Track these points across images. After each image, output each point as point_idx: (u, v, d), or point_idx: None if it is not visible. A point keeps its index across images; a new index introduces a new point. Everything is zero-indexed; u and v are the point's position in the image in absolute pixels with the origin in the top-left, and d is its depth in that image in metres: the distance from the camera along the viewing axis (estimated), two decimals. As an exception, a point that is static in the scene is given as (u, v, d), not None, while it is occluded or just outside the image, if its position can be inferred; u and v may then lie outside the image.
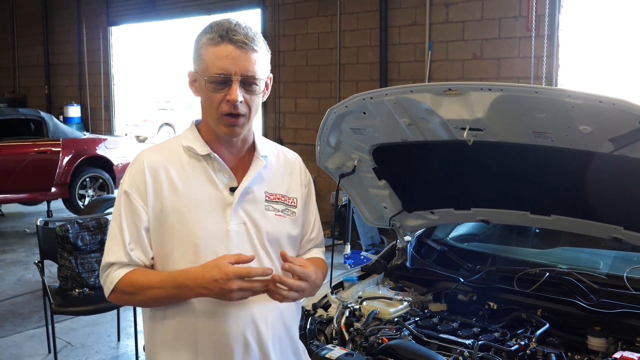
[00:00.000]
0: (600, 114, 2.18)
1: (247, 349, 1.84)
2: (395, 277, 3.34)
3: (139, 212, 1.83)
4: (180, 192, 1.84)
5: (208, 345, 1.83)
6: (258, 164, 1.92)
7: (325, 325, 2.90)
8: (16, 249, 8.05)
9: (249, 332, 1.84)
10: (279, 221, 1.92)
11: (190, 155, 1.89)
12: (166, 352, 1.87)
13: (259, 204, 1.90)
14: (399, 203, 3.25)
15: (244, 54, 1.76)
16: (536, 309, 2.82)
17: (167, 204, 1.83)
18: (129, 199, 1.84)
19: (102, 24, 13.55)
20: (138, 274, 1.81)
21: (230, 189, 1.87)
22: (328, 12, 9.27)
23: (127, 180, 1.87)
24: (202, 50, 1.80)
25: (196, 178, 1.86)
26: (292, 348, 1.98)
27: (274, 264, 1.89)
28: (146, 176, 1.84)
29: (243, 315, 1.82)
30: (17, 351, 4.91)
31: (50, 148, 9.03)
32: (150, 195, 1.83)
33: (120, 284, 1.81)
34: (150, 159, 1.88)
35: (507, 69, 7.49)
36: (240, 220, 1.86)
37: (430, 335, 2.67)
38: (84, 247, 4.61)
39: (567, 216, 2.85)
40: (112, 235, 1.85)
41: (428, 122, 2.63)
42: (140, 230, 1.83)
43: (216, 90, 1.78)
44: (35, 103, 14.96)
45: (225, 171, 1.88)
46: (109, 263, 1.84)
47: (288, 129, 9.93)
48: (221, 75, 1.76)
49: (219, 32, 1.77)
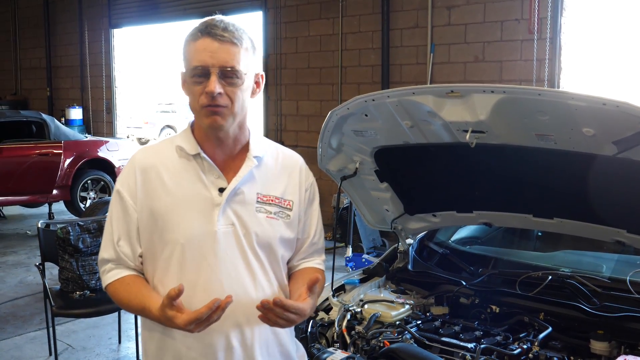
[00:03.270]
0: (604, 117, 2.17)
1: (230, 350, 1.85)
2: (397, 280, 3.33)
3: (129, 210, 1.88)
4: (170, 192, 1.85)
5: (191, 346, 1.84)
6: (249, 165, 1.90)
7: (327, 328, 2.89)
8: (17, 251, 8.05)
9: (233, 334, 1.84)
10: (270, 223, 1.90)
11: (181, 155, 1.89)
12: (152, 350, 1.92)
13: (249, 205, 1.88)
14: (401, 206, 3.25)
15: (222, 46, 1.77)
16: (539, 313, 2.80)
17: (156, 203, 1.85)
18: (120, 197, 1.90)
19: (104, 27, 13.58)
20: (123, 288, 1.88)
21: (219, 189, 1.86)
22: (330, 15, 9.28)
23: (119, 180, 1.93)
24: (185, 48, 1.83)
25: (186, 178, 1.87)
26: (280, 352, 1.97)
27: (264, 266, 1.89)
28: (137, 176, 1.88)
29: (226, 318, 1.76)
30: (18, 354, 4.90)
31: (52, 150, 9.03)
32: (139, 194, 1.87)
33: (108, 289, 1.92)
34: (141, 159, 1.92)
35: (509, 71, 7.48)
36: (229, 222, 1.85)
37: (432, 338, 2.65)
38: (85, 249, 4.61)
39: (569, 219, 2.84)
40: (106, 231, 1.94)
41: (430, 124, 2.62)
42: (129, 227, 1.89)
43: (196, 84, 1.79)
44: (37, 105, 14.98)
45: (214, 171, 1.87)
46: (103, 259, 1.93)
47: (289, 132, 9.93)
48: (199, 67, 1.77)
49: (199, 28, 1.81)
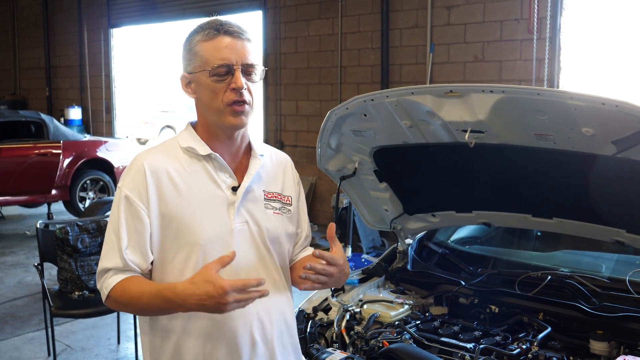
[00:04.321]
0: (603, 116, 2.17)
1: (254, 346, 1.86)
2: (396, 280, 3.33)
3: (141, 215, 1.81)
4: (183, 194, 1.83)
5: (216, 344, 1.83)
6: (257, 163, 1.94)
7: (326, 328, 2.89)
8: (16, 252, 8.04)
9: (256, 329, 1.86)
10: (277, 219, 1.95)
11: (191, 156, 1.88)
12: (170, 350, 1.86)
13: (259, 203, 1.92)
14: (400, 206, 3.24)
15: (241, 43, 1.83)
16: (538, 313, 2.80)
17: (170, 206, 1.82)
18: (129, 202, 1.81)
19: (103, 26, 13.56)
20: (132, 283, 1.79)
21: (232, 189, 1.88)
22: (329, 15, 9.27)
23: (126, 184, 1.83)
24: (197, 48, 1.82)
25: (198, 179, 1.86)
26: (291, 345, 2.01)
27: (275, 261, 1.93)
28: (147, 179, 1.82)
29: (249, 313, 1.82)
30: (17, 354, 4.90)
31: (51, 150, 9.03)
32: (152, 198, 1.81)
33: (114, 291, 1.80)
34: (150, 161, 1.86)
35: (509, 71, 7.48)
36: (243, 219, 1.88)
37: (431, 338, 2.65)
38: (84, 249, 4.60)
39: (569, 219, 2.84)
40: (109, 240, 1.84)
41: (429, 124, 2.61)
42: (141, 234, 1.81)
43: (219, 81, 1.81)
44: (36, 105, 14.96)
45: (226, 171, 1.89)
46: (105, 268, 1.83)
47: (289, 132, 9.92)
48: (224, 65, 1.80)
49: (213, 27, 1.82)
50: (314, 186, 9.27)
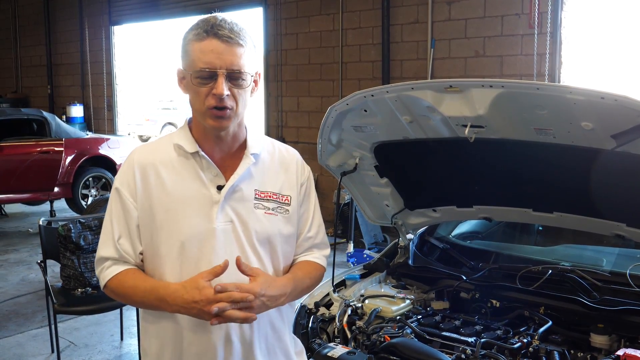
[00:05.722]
0: (602, 111, 2.17)
1: (229, 346, 1.85)
2: (397, 275, 3.34)
3: (129, 208, 1.87)
4: (169, 190, 1.86)
5: (191, 342, 1.85)
6: (247, 162, 1.90)
7: (328, 323, 2.90)
8: (19, 249, 8.06)
9: (233, 330, 1.85)
10: (269, 219, 1.90)
11: (180, 153, 1.90)
12: (153, 346, 1.93)
13: (247, 202, 1.89)
14: (401, 201, 3.25)
15: (229, 48, 1.77)
16: (539, 307, 2.81)
17: (155, 201, 1.85)
18: (119, 195, 1.89)
19: (104, 24, 13.56)
20: (128, 277, 1.86)
21: (218, 187, 1.87)
22: (330, 11, 9.26)
23: (118, 177, 1.91)
24: (188, 47, 1.82)
25: (184, 176, 1.88)
26: (280, 348, 1.98)
27: (263, 263, 1.89)
28: (135, 173, 1.88)
29: None
30: (20, 351, 4.92)
31: (53, 148, 9.04)
32: (139, 192, 1.86)
33: (110, 283, 1.88)
34: (140, 157, 1.91)
35: (510, 66, 7.47)
36: (228, 219, 1.86)
37: (433, 333, 2.66)
38: (87, 246, 4.61)
39: (569, 213, 2.85)
40: (104, 230, 1.92)
41: (429, 119, 2.62)
42: (130, 225, 1.88)
43: (202, 85, 1.79)
44: (37, 103, 14.98)
45: (212, 169, 1.88)
46: (102, 257, 1.90)
47: (290, 128, 9.92)
48: (206, 69, 1.77)
49: (204, 27, 1.79)
50: (316, 182, 9.28)
